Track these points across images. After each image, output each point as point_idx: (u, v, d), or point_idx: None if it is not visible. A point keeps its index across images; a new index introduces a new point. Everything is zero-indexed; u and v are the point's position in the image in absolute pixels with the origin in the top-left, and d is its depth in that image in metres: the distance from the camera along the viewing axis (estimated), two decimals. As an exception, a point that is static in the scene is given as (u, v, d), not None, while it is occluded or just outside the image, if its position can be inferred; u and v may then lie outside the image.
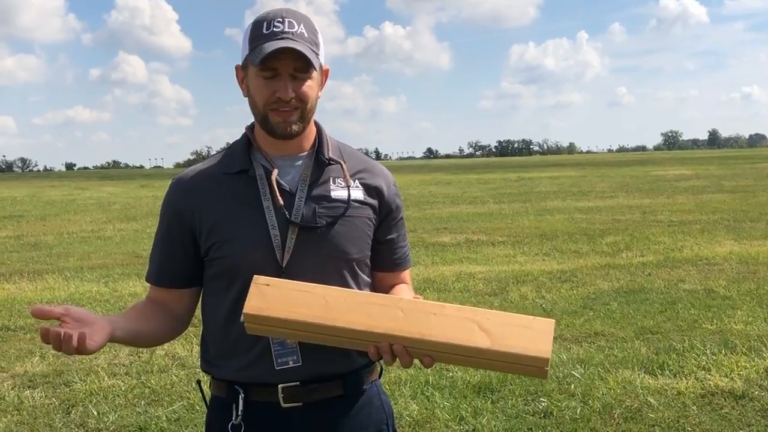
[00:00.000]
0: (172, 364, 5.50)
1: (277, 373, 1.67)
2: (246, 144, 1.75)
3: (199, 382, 1.89)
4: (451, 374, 4.99)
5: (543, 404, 4.44)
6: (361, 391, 1.77)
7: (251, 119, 1.74)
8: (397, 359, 1.55)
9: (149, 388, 5.01)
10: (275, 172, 1.70)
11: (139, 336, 1.69)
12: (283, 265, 1.65)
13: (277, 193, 1.68)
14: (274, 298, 1.55)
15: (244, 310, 1.54)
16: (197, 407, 4.52)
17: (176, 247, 1.74)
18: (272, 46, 1.59)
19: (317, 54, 1.66)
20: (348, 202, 1.72)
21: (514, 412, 4.36)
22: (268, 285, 1.56)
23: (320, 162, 1.75)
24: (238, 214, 1.68)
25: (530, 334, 1.52)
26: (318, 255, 1.68)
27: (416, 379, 4.91)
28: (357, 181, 1.76)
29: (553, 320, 1.57)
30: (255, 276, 1.58)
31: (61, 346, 1.44)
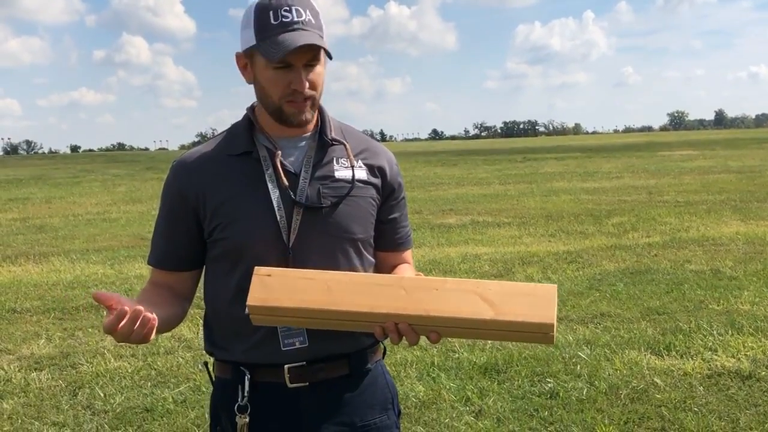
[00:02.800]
0: (179, 346, 5.51)
1: (283, 354, 1.66)
2: (248, 125, 1.73)
3: (206, 364, 1.88)
4: (457, 355, 4.99)
5: (549, 385, 4.43)
6: (367, 371, 1.77)
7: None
8: (404, 338, 1.54)
9: (155, 369, 5.03)
10: (279, 153, 1.68)
11: (164, 323, 1.65)
12: (290, 246, 1.64)
13: (282, 174, 1.66)
14: (277, 288, 1.54)
15: (248, 302, 1.54)
16: (203, 389, 4.53)
17: (179, 229, 1.72)
18: (290, 40, 1.57)
19: (322, 38, 1.64)
20: (352, 181, 1.71)
21: (521, 392, 4.36)
22: (269, 275, 1.56)
23: (323, 142, 1.73)
24: (242, 196, 1.67)
25: (533, 301, 1.51)
26: (323, 235, 1.68)
27: (422, 361, 4.91)
28: (360, 161, 1.75)
29: (555, 285, 1.56)
30: (256, 267, 1.57)
31: (133, 332, 1.43)
